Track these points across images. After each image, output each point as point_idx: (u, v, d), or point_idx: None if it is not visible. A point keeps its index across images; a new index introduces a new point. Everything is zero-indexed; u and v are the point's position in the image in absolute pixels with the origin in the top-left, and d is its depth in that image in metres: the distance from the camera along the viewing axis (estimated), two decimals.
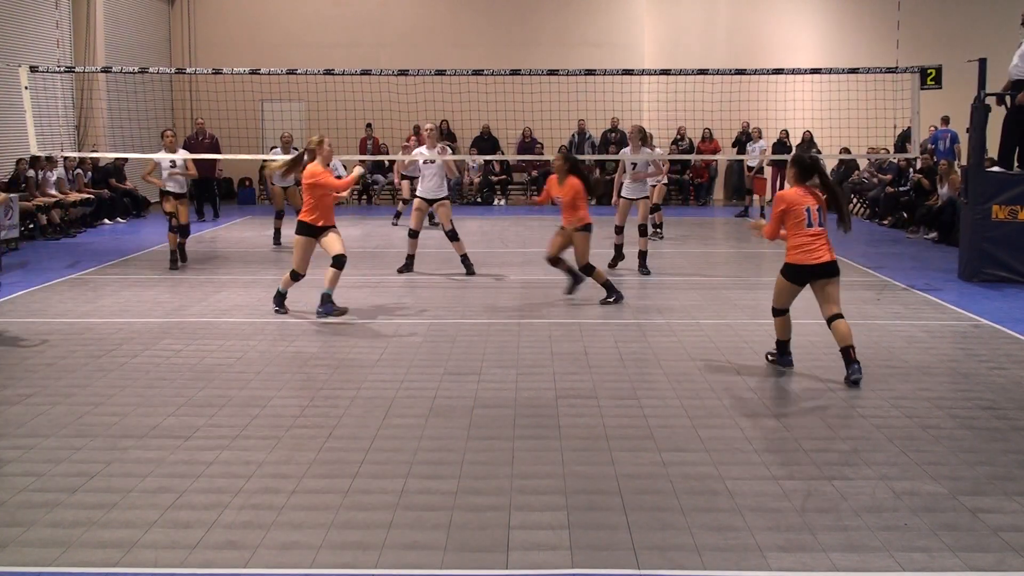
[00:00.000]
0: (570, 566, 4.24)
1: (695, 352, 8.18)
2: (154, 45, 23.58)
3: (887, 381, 7.28)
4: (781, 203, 7.40)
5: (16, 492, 5.05)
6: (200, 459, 5.54)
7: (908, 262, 13.63)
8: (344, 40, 23.43)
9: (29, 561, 4.28)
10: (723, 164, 24.07)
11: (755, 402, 6.75)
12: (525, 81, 16.66)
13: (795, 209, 7.29)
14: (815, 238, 7.27)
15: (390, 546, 4.42)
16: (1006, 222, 11.68)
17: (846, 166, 21.43)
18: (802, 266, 7.33)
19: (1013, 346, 8.51)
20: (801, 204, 7.30)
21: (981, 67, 12.09)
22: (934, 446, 5.83)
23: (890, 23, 23.20)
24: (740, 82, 18.57)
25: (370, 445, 5.80)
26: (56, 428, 6.10)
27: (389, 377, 7.36)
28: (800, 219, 7.27)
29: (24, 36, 17.97)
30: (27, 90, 13.43)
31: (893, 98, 16.49)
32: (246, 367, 7.65)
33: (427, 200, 12.28)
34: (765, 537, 4.52)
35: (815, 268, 7.29)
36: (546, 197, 10.81)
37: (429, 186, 12.28)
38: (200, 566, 4.24)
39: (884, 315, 9.84)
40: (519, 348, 8.32)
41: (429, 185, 12.27)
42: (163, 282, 11.76)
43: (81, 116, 19.93)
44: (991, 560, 4.32)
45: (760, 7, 24.53)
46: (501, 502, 4.92)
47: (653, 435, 6.00)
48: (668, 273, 12.69)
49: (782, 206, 7.37)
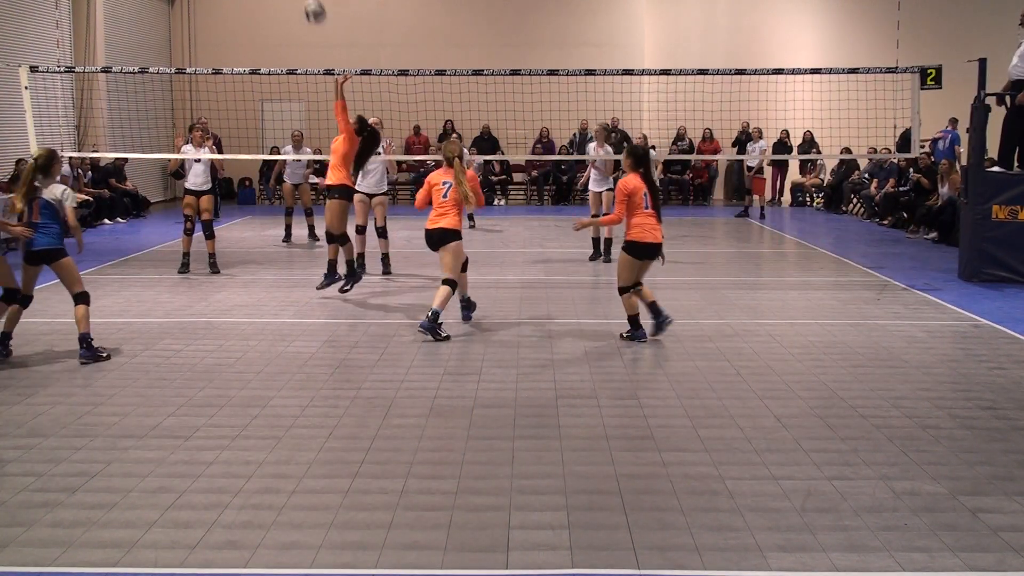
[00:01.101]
0: (570, 566, 4.24)
1: (695, 352, 8.18)
2: (154, 45, 23.58)
3: (887, 381, 7.29)
4: (626, 188, 8.34)
5: (16, 492, 5.05)
6: (200, 459, 5.54)
7: (908, 262, 13.63)
8: (344, 40, 23.42)
9: (29, 561, 4.28)
10: (723, 164, 24.08)
11: (755, 402, 6.74)
12: (525, 81, 16.69)
13: (637, 194, 8.32)
14: (651, 218, 8.37)
15: (390, 546, 4.42)
16: (1006, 222, 11.68)
17: (846, 166, 21.43)
18: (644, 244, 8.34)
19: (1013, 346, 8.51)
20: (640, 189, 8.36)
21: (981, 67, 12.09)
22: (934, 446, 5.83)
23: (890, 23, 23.20)
24: (740, 82, 18.60)
25: (370, 445, 5.80)
26: (56, 428, 6.11)
27: (389, 377, 7.36)
28: (640, 202, 8.33)
29: (24, 36, 17.97)
30: (27, 90, 13.43)
31: (893, 98, 16.52)
32: (246, 367, 7.65)
33: (369, 195, 12.36)
34: (765, 537, 4.52)
35: (653, 246, 8.38)
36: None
37: (371, 181, 12.38)
38: (200, 566, 4.24)
39: (884, 315, 9.84)
40: (519, 348, 8.32)
41: (371, 180, 12.38)
42: (163, 282, 11.76)
43: (81, 116, 19.93)
44: (991, 560, 4.32)
45: (760, 7, 24.54)
46: (501, 502, 4.92)
47: (653, 435, 6.00)
48: (668, 273, 12.69)
49: (628, 190, 8.32)
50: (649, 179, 8.47)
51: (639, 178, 8.41)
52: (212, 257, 12.46)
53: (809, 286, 11.71)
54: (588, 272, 12.59)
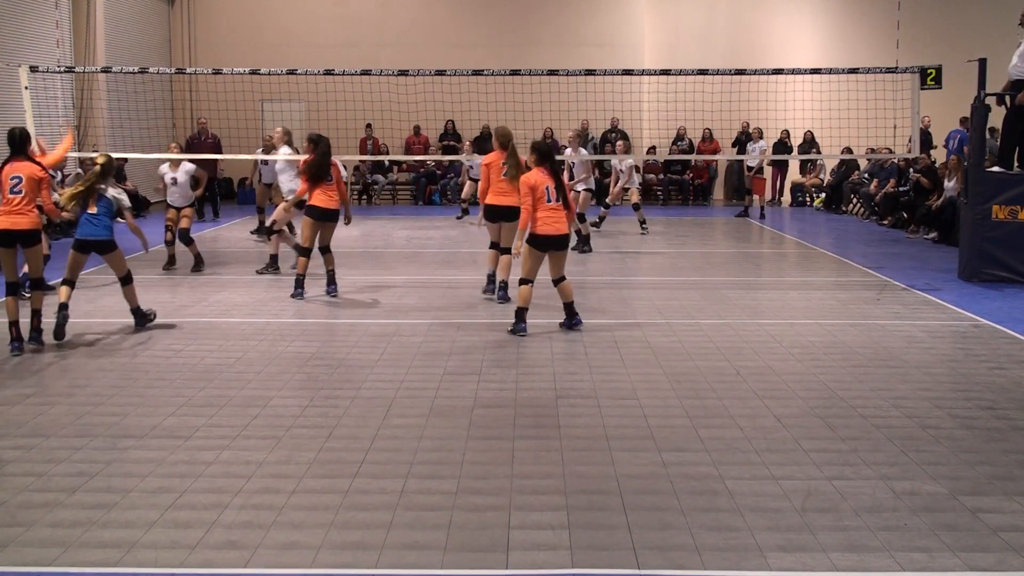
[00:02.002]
0: (570, 566, 4.24)
1: (695, 352, 8.18)
2: (154, 45, 23.57)
3: (887, 381, 7.29)
4: (529, 182, 8.62)
5: (16, 492, 5.05)
6: (200, 459, 5.54)
7: (908, 262, 13.63)
8: (344, 40, 23.43)
9: (29, 561, 4.28)
10: (723, 164, 24.08)
11: (755, 402, 6.74)
12: (525, 81, 16.69)
13: (539, 188, 8.57)
14: (554, 211, 8.62)
15: (390, 546, 4.42)
16: (1006, 222, 11.68)
17: (846, 166, 21.42)
18: (547, 236, 8.61)
19: (1013, 346, 8.51)
20: (543, 183, 8.62)
21: (981, 67, 12.09)
22: (934, 446, 5.83)
23: (890, 23, 23.20)
24: (740, 82, 18.58)
25: (370, 445, 5.80)
26: (56, 428, 6.11)
27: (389, 377, 7.36)
28: (542, 196, 8.58)
29: (24, 36, 17.95)
30: (27, 90, 13.43)
31: (893, 98, 16.52)
32: (246, 367, 7.65)
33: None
34: (765, 537, 4.52)
35: (555, 238, 8.64)
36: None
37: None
38: (200, 566, 4.24)
39: (884, 315, 9.84)
40: (519, 348, 8.32)
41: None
42: (163, 282, 11.76)
43: (81, 116, 19.92)
44: (991, 560, 4.32)
45: (760, 7, 24.53)
46: (501, 502, 4.92)
47: (653, 435, 6.00)
48: (668, 273, 12.69)
49: (531, 184, 8.60)
50: (555, 173, 8.75)
51: (542, 173, 8.69)
52: (196, 260, 12.59)
53: (809, 286, 11.71)
54: (588, 272, 12.59)
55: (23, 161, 8.43)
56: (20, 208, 8.18)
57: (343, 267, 12.09)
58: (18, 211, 8.18)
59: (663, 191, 23.78)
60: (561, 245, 8.73)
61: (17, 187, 8.21)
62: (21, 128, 8.81)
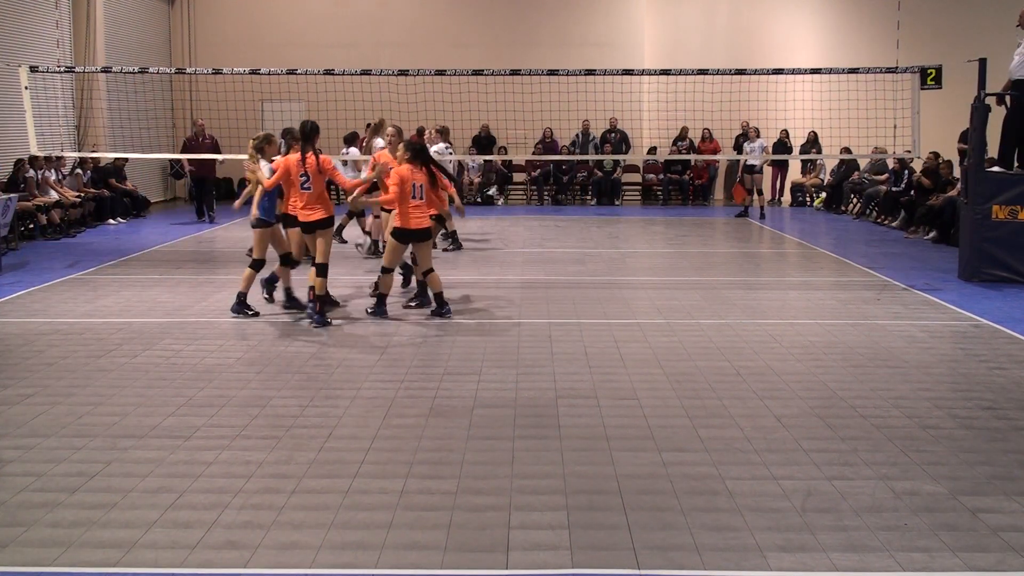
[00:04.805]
0: (570, 566, 4.24)
1: (695, 352, 8.18)
2: (154, 45, 23.57)
3: (887, 381, 7.29)
4: (398, 177, 9.10)
5: (16, 492, 5.05)
6: (200, 459, 5.54)
7: (908, 262, 13.63)
8: (344, 40, 23.43)
9: (29, 561, 4.28)
10: (723, 164, 24.07)
11: (755, 402, 6.74)
12: (525, 81, 16.70)
13: (407, 183, 9.09)
14: (418, 208, 9.20)
15: (390, 546, 4.42)
16: (1006, 222, 11.68)
17: (846, 166, 21.41)
18: (408, 229, 9.21)
19: (1013, 346, 8.51)
20: (411, 180, 9.15)
21: (981, 67, 12.09)
22: (934, 446, 5.83)
23: (890, 23, 23.12)
24: (740, 82, 18.60)
25: (370, 445, 5.80)
26: (56, 428, 6.11)
27: (389, 377, 7.36)
28: (409, 191, 9.12)
29: (24, 36, 17.96)
30: (27, 90, 13.44)
31: (893, 98, 16.50)
32: (246, 367, 7.65)
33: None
34: (765, 537, 4.52)
35: (417, 232, 9.25)
36: None
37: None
38: (200, 566, 4.24)
39: (884, 315, 9.84)
40: (519, 348, 8.32)
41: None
42: (163, 282, 11.76)
43: (81, 116, 19.93)
44: (991, 560, 4.32)
45: (760, 7, 24.53)
46: (501, 502, 4.92)
47: (653, 435, 6.00)
48: (669, 273, 12.69)
49: (399, 179, 9.08)
50: (429, 172, 9.27)
51: (413, 169, 9.18)
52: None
53: (809, 286, 11.71)
54: (588, 272, 12.59)
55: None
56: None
57: (344, 267, 12.10)
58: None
59: (663, 191, 23.77)
60: (421, 236, 9.31)
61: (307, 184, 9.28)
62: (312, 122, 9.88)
